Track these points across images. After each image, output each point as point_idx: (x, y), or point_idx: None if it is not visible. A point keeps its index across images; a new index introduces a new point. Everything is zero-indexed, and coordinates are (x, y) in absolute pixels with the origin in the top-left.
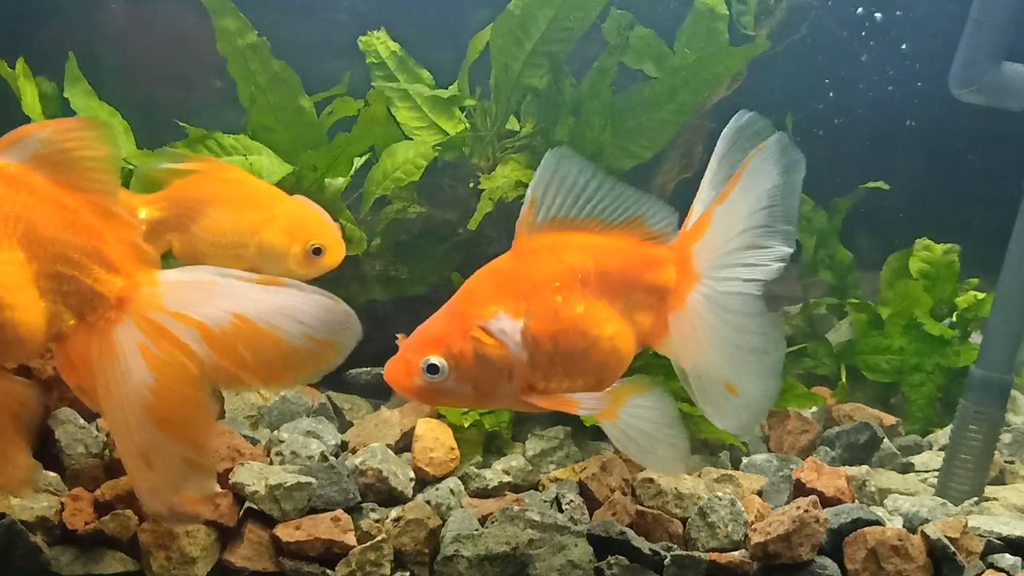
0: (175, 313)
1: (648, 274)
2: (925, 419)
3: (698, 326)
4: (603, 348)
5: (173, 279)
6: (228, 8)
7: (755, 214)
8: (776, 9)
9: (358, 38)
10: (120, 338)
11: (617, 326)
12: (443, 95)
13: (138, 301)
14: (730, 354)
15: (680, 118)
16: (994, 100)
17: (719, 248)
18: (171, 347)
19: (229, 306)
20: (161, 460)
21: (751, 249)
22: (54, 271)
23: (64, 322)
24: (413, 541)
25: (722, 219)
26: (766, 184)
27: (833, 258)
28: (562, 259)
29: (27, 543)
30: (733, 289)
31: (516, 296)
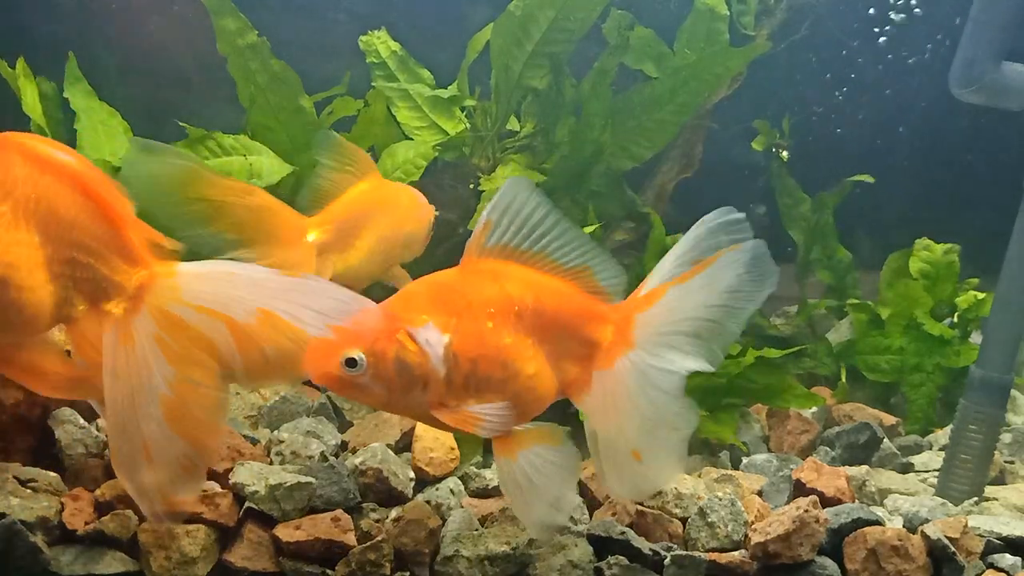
0: (197, 307)
1: (586, 327)
2: (925, 419)
3: (619, 391)
4: (520, 384)
5: (193, 272)
6: (228, 8)
7: (709, 308)
8: (776, 9)
9: (358, 38)
10: (137, 329)
11: (540, 367)
12: (443, 95)
13: (157, 293)
14: (643, 425)
15: (680, 118)
16: (994, 100)
17: (662, 325)
18: (190, 341)
19: (253, 299)
20: (162, 456)
21: (692, 337)
22: (69, 256)
23: (74, 307)
24: (413, 541)
25: (674, 299)
26: (730, 283)
27: (832, 258)
28: (503, 287)
29: (27, 543)
30: (662, 366)
31: (449, 311)
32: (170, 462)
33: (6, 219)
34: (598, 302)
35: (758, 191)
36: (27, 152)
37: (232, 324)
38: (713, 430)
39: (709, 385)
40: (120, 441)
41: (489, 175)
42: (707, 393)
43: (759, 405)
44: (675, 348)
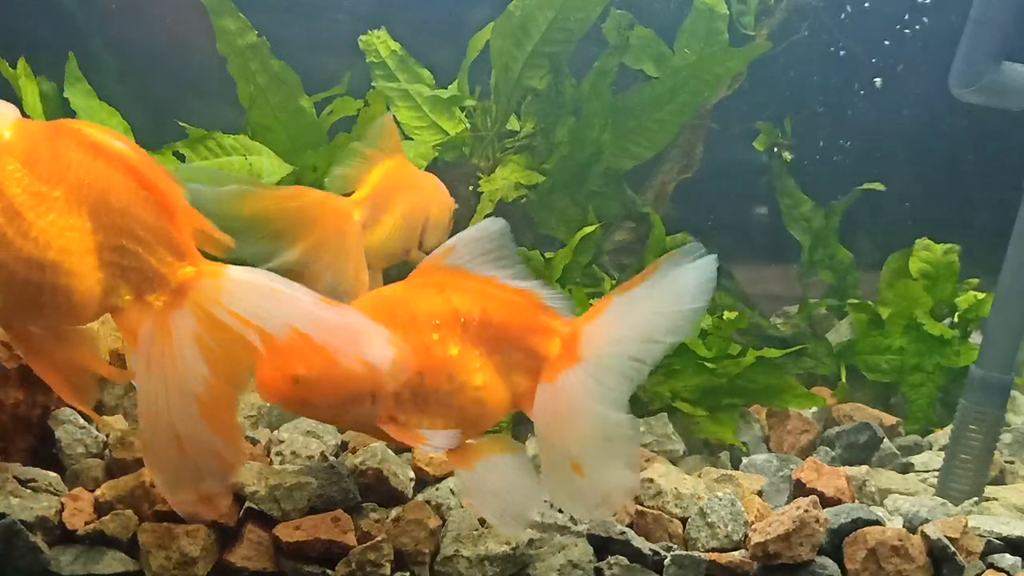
0: (233, 312)
1: (532, 338)
2: (925, 419)
3: (561, 404)
4: (468, 396)
5: (238, 277)
6: (228, 8)
7: (656, 317)
8: (776, 9)
9: (358, 38)
10: (177, 324)
11: (488, 379)
12: (443, 95)
13: (199, 291)
14: (584, 439)
15: (680, 118)
16: (994, 100)
17: (609, 337)
18: (226, 342)
19: (289, 317)
20: (195, 449)
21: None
22: (118, 244)
23: (120, 296)
24: (413, 541)
25: (619, 310)
26: (676, 292)
27: (833, 258)
28: (449, 299)
29: (27, 543)
30: (607, 380)
31: (394, 324)
32: (202, 454)
33: (59, 204)
34: (548, 315)
35: (759, 191)
36: (82, 138)
37: (264, 336)
38: (713, 430)
39: (709, 385)
40: (151, 433)
41: (489, 175)
42: (707, 393)
43: (759, 405)
44: (622, 359)
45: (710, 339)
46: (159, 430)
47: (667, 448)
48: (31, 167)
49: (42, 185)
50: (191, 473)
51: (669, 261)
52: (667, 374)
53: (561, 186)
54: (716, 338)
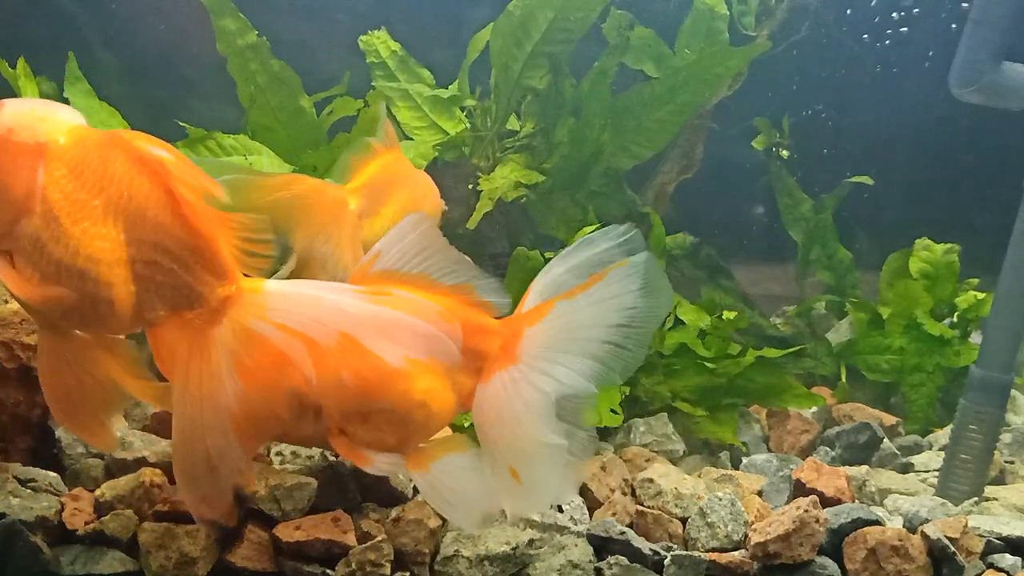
0: (279, 324)
1: (472, 339)
2: (925, 419)
3: (495, 404)
4: (412, 401)
5: (279, 291)
6: (228, 8)
7: (604, 328)
8: (777, 9)
9: (358, 38)
10: (216, 341)
11: (432, 383)
12: (443, 95)
13: (241, 308)
14: (521, 439)
15: (680, 118)
16: (994, 100)
17: (549, 341)
18: (267, 359)
19: (336, 323)
20: (224, 466)
21: (584, 358)
22: (151, 259)
23: (154, 311)
24: (413, 541)
25: (562, 315)
26: (624, 302)
27: (832, 258)
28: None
29: (27, 543)
30: (544, 386)
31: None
32: (230, 472)
33: (96, 213)
34: (485, 315)
35: (758, 191)
36: (130, 151)
37: (312, 345)
38: (713, 430)
39: (709, 385)
40: (185, 451)
41: (489, 175)
42: (707, 393)
43: (759, 405)
44: (563, 366)
45: (709, 339)
46: (193, 446)
47: (667, 448)
48: (77, 175)
49: (84, 193)
50: (219, 489)
51: (617, 270)
52: (667, 374)
53: (561, 186)
54: (716, 338)
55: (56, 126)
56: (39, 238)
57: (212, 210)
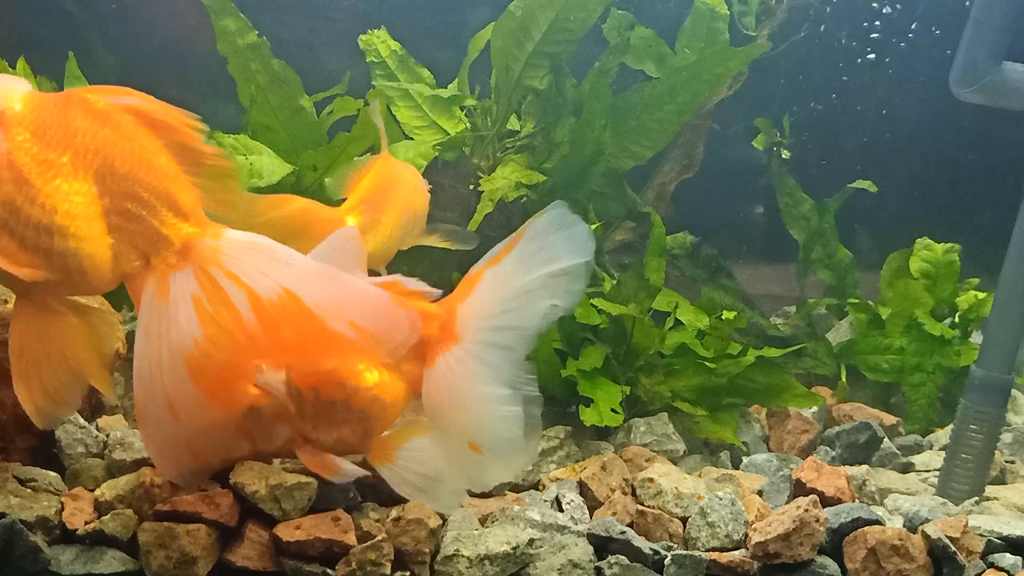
0: (229, 273)
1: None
2: (925, 419)
3: (443, 386)
4: (364, 398)
5: (236, 238)
6: (228, 8)
7: (529, 283)
8: (777, 9)
9: (358, 37)
10: (176, 285)
11: (379, 376)
12: (443, 95)
13: (200, 252)
14: (474, 417)
15: (681, 118)
16: (994, 100)
17: (483, 311)
18: (221, 305)
19: (280, 279)
20: (187, 413)
21: (522, 316)
22: (124, 208)
23: (130, 262)
24: (413, 541)
25: (492, 282)
26: (548, 253)
27: (832, 257)
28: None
29: (27, 543)
30: (487, 357)
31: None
32: (193, 420)
33: (66, 170)
34: (424, 301)
35: (758, 191)
36: (89, 106)
37: (253, 297)
38: (713, 430)
39: (709, 385)
40: (146, 397)
41: (489, 175)
42: (707, 393)
43: (759, 405)
44: (503, 328)
45: (709, 339)
46: (152, 395)
47: (667, 448)
48: (40, 136)
49: (50, 153)
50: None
51: (533, 225)
52: (667, 374)
53: (561, 186)
54: (715, 338)
55: (7, 94)
56: (13, 203)
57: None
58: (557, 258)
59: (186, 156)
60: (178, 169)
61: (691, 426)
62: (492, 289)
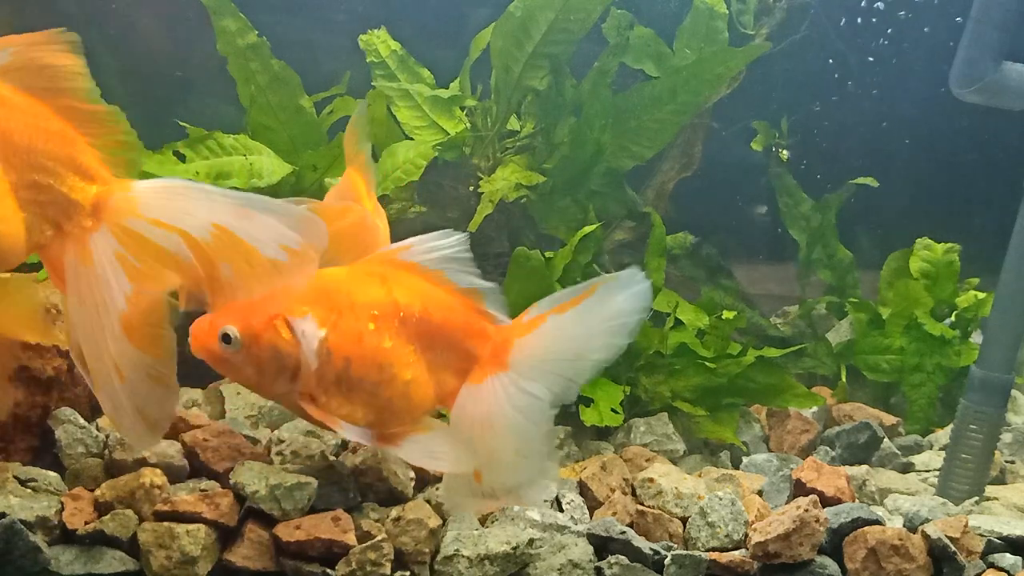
0: (153, 220)
1: (467, 341)
2: (925, 419)
3: (481, 407)
4: (395, 389)
5: (149, 187)
6: (228, 8)
7: (587, 339)
8: (775, 8)
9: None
10: (96, 246)
11: (418, 375)
12: (444, 95)
13: (113, 208)
14: (494, 447)
15: (681, 118)
16: (994, 100)
17: (537, 353)
18: (148, 255)
19: (208, 216)
20: (131, 373)
21: (567, 369)
22: (31, 180)
23: (43, 232)
24: (413, 541)
25: (553, 328)
26: (609, 314)
27: (832, 257)
28: (390, 291)
29: (27, 543)
30: (528, 394)
31: (331, 307)
32: (138, 378)
33: None
34: (482, 319)
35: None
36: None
37: (188, 239)
38: (713, 430)
39: (709, 385)
40: (94, 365)
41: (489, 175)
42: (707, 393)
43: (759, 405)
44: (548, 375)
45: (709, 339)
46: (99, 361)
47: (667, 448)
48: None
49: None
50: (131, 398)
51: (606, 286)
52: (667, 374)
53: (562, 186)
54: (715, 338)
55: None
56: None
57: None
58: (616, 323)
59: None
60: (72, 130)
61: (691, 426)
62: (552, 335)
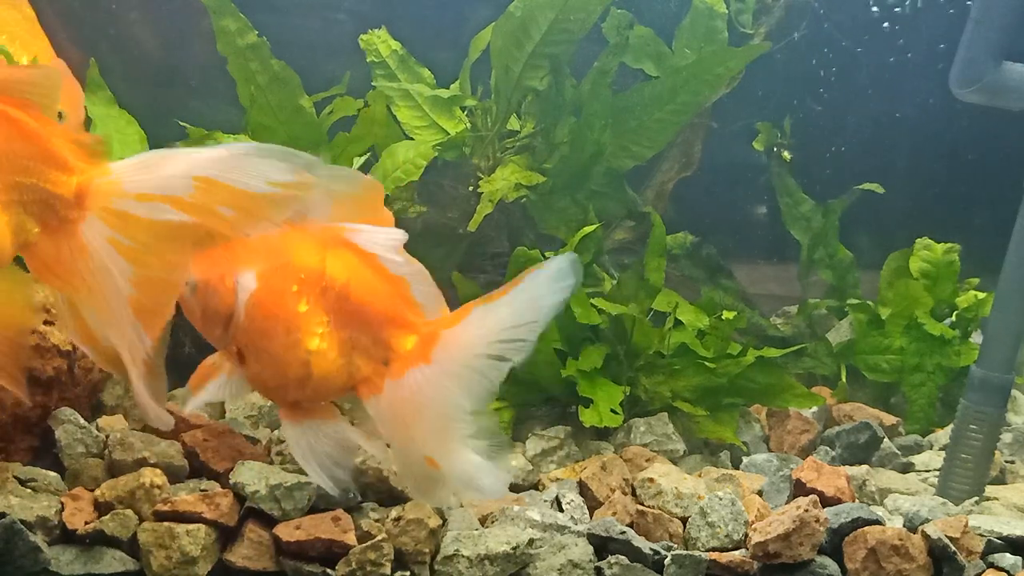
0: (139, 195)
1: (387, 330)
2: (925, 419)
3: (405, 402)
4: (297, 356)
5: (126, 164)
6: (228, 8)
7: (515, 328)
8: (774, 8)
9: (358, 37)
10: (89, 235)
11: (325, 348)
12: (444, 95)
13: (97, 194)
14: (433, 436)
15: (680, 118)
16: (994, 100)
17: (463, 345)
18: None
19: (186, 172)
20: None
21: (495, 359)
22: (13, 182)
23: (29, 231)
24: (413, 541)
25: (479, 319)
26: (537, 303)
27: (833, 257)
28: (322, 259)
29: (27, 543)
30: (458, 382)
31: (264, 262)
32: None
33: None
34: (413, 312)
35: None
36: None
37: (175, 201)
38: (713, 430)
39: (709, 385)
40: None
41: (489, 175)
42: (707, 393)
43: (759, 405)
44: (474, 367)
45: (709, 339)
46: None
47: (667, 448)
48: None
49: None
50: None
51: (536, 273)
52: (667, 374)
53: (561, 186)
54: (715, 338)
55: None
56: None
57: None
58: (542, 305)
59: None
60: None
61: (691, 426)
62: (478, 325)
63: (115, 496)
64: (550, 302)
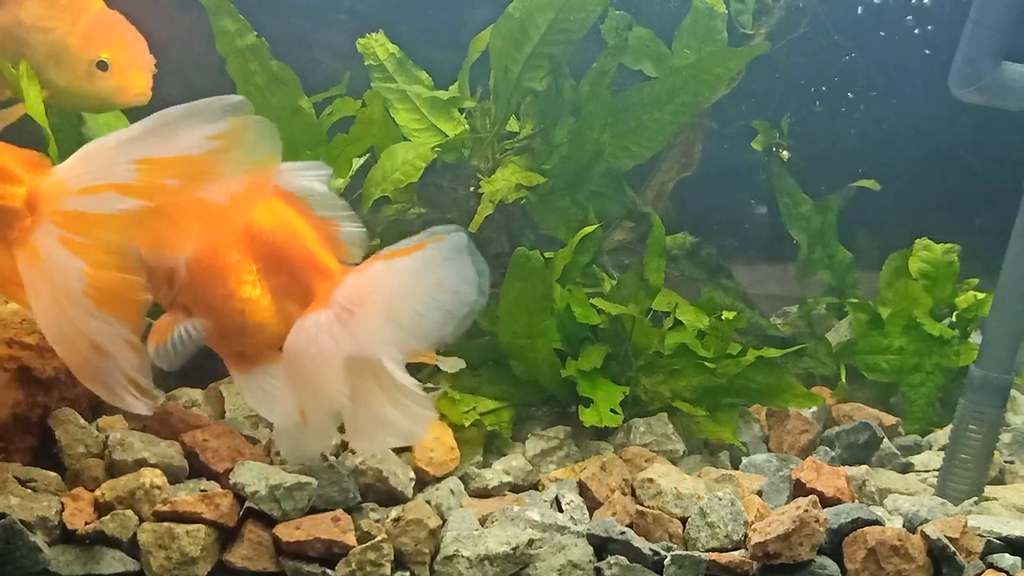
0: (82, 190)
1: (307, 272)
2: (925, 419)
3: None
4: (232, 305)
5: (68, 162)
6: (227, 9)
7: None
8: (774, 8)
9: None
10: (41, 241)
11: (256, 296)
12: (442, 96)
13: (46, 198)
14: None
15: (680, 119)
16: (994, 100)
17: (360, 294)
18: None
19: (127, 157)
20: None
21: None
22: None
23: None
24: (413, 541)
25: (378, 273)
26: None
27: (832, 257)
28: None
29: (27, 543)
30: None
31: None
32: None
33: None
34: (338, 252)
35: (758, 191)
36: None
37: (121, 188)
38: (713, 430)
39: (709, 385)
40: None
41: (489, 176)
42: (707, 393)
43: (759, 405)
44: (362, 321)
45: (709, 339)
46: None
47: (667, 448)
48: None
49: None
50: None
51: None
52: (667, 374)
53: (561, 186)
54: (715, 338)
55: None
56: None
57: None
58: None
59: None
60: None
61: (691, 426)
62: (374, 277)
63: (115, 496)
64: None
